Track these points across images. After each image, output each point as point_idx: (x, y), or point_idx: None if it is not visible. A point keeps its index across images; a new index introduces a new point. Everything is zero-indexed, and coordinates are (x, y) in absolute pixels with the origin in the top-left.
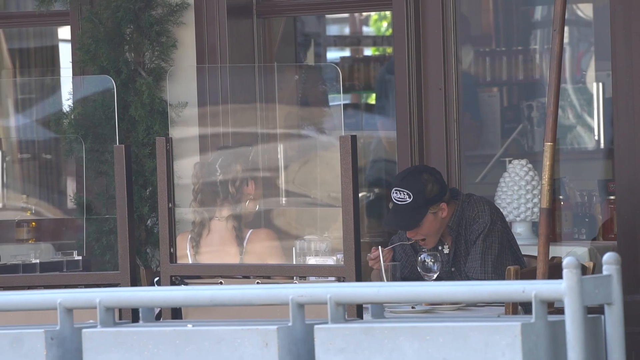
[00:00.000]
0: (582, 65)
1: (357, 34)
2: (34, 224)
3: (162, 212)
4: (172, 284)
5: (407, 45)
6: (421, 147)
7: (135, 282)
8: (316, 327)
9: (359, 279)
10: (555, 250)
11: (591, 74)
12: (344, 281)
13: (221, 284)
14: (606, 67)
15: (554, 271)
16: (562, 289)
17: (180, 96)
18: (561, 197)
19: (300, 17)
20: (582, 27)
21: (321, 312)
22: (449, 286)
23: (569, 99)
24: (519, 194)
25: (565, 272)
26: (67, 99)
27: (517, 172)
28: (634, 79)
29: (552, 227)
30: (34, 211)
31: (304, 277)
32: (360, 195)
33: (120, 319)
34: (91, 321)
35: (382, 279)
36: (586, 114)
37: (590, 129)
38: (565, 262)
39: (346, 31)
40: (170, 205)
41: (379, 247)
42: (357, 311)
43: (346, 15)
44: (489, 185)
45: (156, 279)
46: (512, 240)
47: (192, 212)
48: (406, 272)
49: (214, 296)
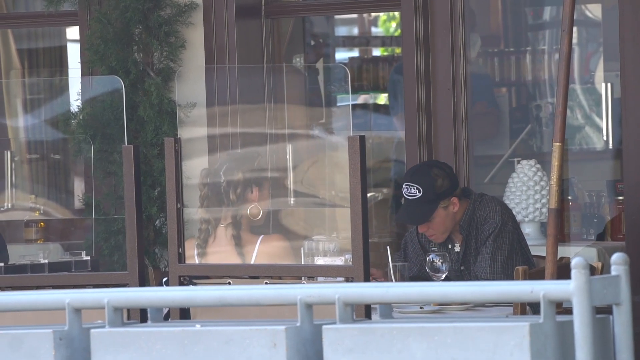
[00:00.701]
0: (591, 65)
1: (365, 34)
2: (42, 224)
3: (171, 212)
4: (181, 284)
5: (416, 45)
6: (430, 148)
7: (143, 283)
8: (324, 327)
9: (367, 279)
10: (563, 250)
11: (600, 74)
12: (352, 281)
13: (229, 284)
14: (615, 68)
15: (563, 271)
16: (571, 289)
17: (188, 96)
18: (570, 197)
19: (308, 17)
20: (590, 27)
21: (329, 312)
22: (457, 286)
23: (578, 99)
24: (527, 194)
25: (573, 272)
26: (75, 100)
27: (525, 172)
28: None
29: (560, 227)
30: (42, 211)
31: (312, 278)
32: (368, 195)
33: (128, 319)
34: (99, 321)
35: (390, 280)
36: (595, 114)
37: (598, 130)
38: (573, 262)
39: (355, 32)
40: (178, 205)
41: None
42: (365, 311)
43: (355, 15)
44: (498, 185)
45: (164, 279)
46: (523, 241)
47: (198, 218)
48: (415, 271)
49: (222, 296)
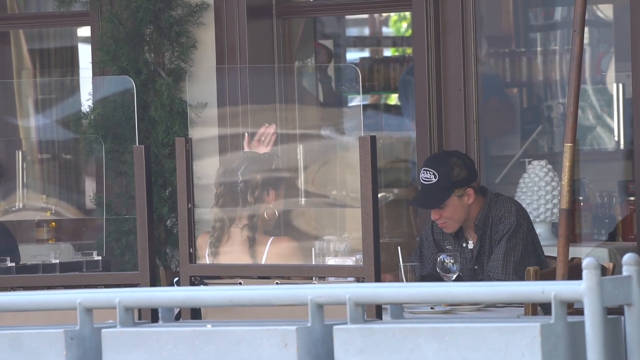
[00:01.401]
0: (602, 66)
1: (376, 34)
2: (53, 224)
3: (182, 212)
4: (192, 284)
5: (427, 46)
6: (441, 148)
7: (154, 283)
8: (335, 327)
9: (378, 279)
10: (574, 251)
11: (611, 74)
12: (363, 282)
13: (240, 284)
14: (626, 68)
15: (574, 272)
16: (582, 289)
17: (199, 97)
18: (581, 197)
19: (319, 17)
20: (602, 27)
21: (340, 312)
22: (469, 287)
23: (589, 99)
24: (538, 194)
25: (584, 272)
26: (87, 100)
27: (536, 172)
28: None
29: (571, 227)
30: (53, 211)
31: (323, 278)
32: (379, 195)
33: (139, 319)
34: (111, 321)
35: (400, 280)
36: (606, 114)
37: (610, 130)
38: (584, 262)
39: (366, 32)
40: (189, 205)
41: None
42: (376, 312)
43: (366, 16)
44: (509, 186)
45: (175, 279)
46: (537, 243)
47: (213, 217)
48: (429, 269)
49: (233, 296)
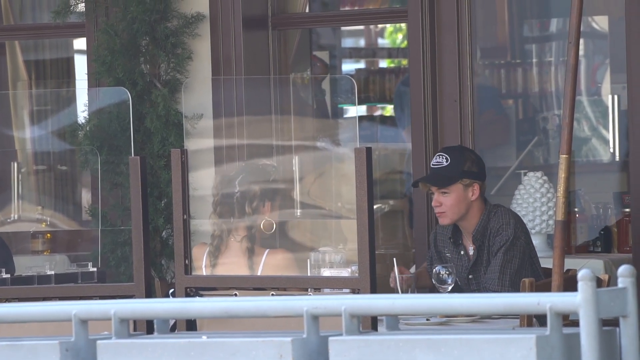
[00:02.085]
0: (598, 77)
1: (372, 46)
2: (49, 235)
3: (177, 223)
4: (187, 295)
5: (423, 57)
6: None
7: (150, 294)
8: (331, 339)
9: (373, 290)
10: (570, 262)
11: (606, 86)
12: (358, 293)
13: (236, 295)
14: (622, 80)
15: (569, 284)
16: (577, 301)
17: (195, 108)
18: (576, 209)
19: (315, 29)
20: (597, 39)
21: (336, 324)
22: (464, 298)
23: (584, 111)
24: (534, 206)
25: (580, 284)
26: (82, 111)
27: (532, 184)
28: None
29: (567, 239)
30: (49, 222)
31: (318, 289)
32: (375, 206)
33: (135, 330)
34: (106, 333)
35: (397, 291)
36: (601, 126)
37: (605, 142)
38: (580, 274)
39: (361, 43)
40: (185, 217)
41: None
42: (371, 323)
43: (361, 27)
44: (504, 197)
45: (171, 291)
46: (535, 257)
47: (211, 225)
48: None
49: (228, 308)
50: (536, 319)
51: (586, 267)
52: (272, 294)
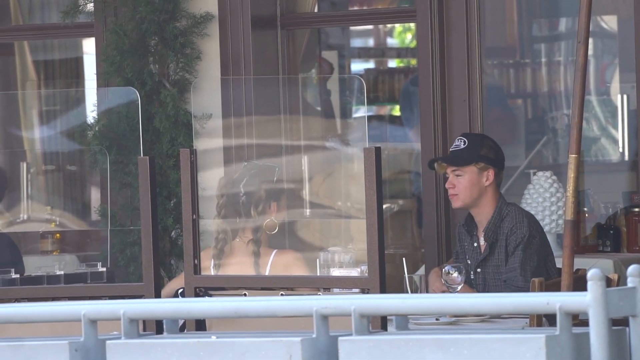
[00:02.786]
0: (607, 77)
1: (381, 45)
2: (58, 235)
3: (186, 223)
4: (196, 295)
5: (432, 56)
6: None
7: (159, 294)
8: (340, 338)
9: (383, 290)
10: (579, 262)
11: (615, 85)
12: (368, 293)
13: (245, 295)
14: (631, 79)
15: (579, 283)
16: (587, 301)
17: (204, 108)
18: (586, 209)
19: (324, 29)
20: (606, 39)
21: (345, 323)
22: (473, 298)
23: (594, 110)
24: (543, 205)
25: (589, 284)
26: (91, 111)
27: (541, 184)
28: None
29: (576, 239)
30: (58, 223)
31: (328, 289)
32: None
33: (144, 330)
34: (115, 333)
35: (405, 291)
36: (610, 126)
37: (614, 141)
38: (589, 274)
39: (370, 43)
40: (194, 216)
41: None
42: (381, 323)
43: (370, 27)
44: (514, 197)
45: (180, 291)
46: (550, 256)
47: (215, 229)
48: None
49: (238, 308)
50: (546, 319)
51: (595, 266)
52: (282, 294)
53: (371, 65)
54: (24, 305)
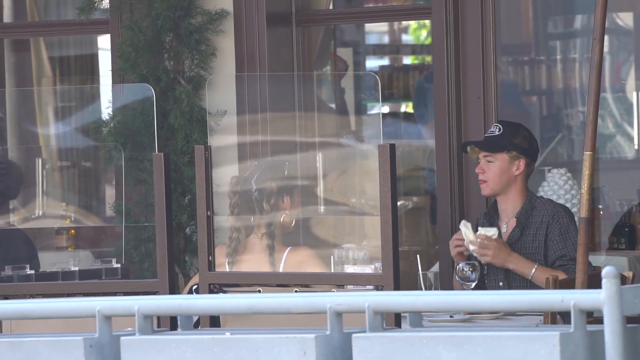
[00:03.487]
0: (622, 74)
1: (396, 42)
2: (73, 231)
3: (201, 220)
4: (211, 292)
5: (447, 53)
6: (460, 156)
7: (173, 290)
8: (354, 335)
9: (397, 287)
10: (594, 259)
11: (631, 82)
12: (382, 290)
13: (259, 292)
14: None
15: (593, 281)
16: (602, 298)
17: (219, 104)
18: (600, 206)
19: (339, 26)
20: (622, 35)
21: (359, 320)
22: (488, 295)
23: (609, 108)
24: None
25: (604, 281)
26: (106, 107)
27: (556, 181)
28: None
29: (591, 236)
30: (73, 219)
31: (342, 286)
32: (398, 203)
33: (158, 326)
34: (130, 329)
35: (419, 288)
36: (626, 123)
37: (630, 138)
38: (604, 271)
39: (385, 40)
40: (209, 213)
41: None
42: (395, 320)
43: (385, 24)
44: None
45: (195, 287)
46: None
47: (228, 227)
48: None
49: (252, 304)
50: (560, 316)
51: (610, 264)
52: (296, 291)
53: (386, 62)
54: (39, 301)
